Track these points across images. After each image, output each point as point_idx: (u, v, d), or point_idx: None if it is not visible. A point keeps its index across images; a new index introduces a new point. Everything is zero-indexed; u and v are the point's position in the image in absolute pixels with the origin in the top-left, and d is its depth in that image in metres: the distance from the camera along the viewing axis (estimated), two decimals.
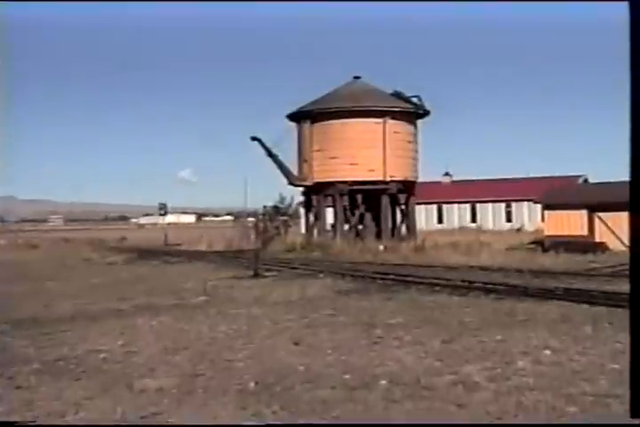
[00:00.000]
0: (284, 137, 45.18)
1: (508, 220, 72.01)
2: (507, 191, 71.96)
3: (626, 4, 5.34)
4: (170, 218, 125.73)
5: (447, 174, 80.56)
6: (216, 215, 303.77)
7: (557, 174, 70.53)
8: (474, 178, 78.99)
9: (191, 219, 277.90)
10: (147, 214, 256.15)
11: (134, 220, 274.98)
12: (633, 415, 5.77)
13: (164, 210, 69.00)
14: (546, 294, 17.39)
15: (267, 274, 26.13)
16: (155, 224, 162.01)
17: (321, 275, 25.22)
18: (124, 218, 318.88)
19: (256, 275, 25.67)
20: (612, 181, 35.52)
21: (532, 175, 77.86)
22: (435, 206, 75.27)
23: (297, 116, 45.43)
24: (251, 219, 62.07)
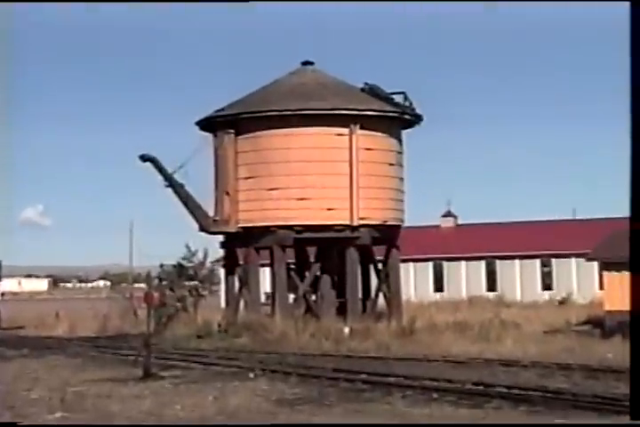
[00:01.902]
0: (195, 156, 45.16)
1: (546, 286, 72.63)
2: (543, 241, 72.60)
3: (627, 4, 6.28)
4: (7, 284, 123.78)
5: (449, 215, 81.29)
6: (82, 280, 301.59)
7: (622, 215, 71.27)
8: (489, 221, 79.90)
9: (42, 285, 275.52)
10: None
11: None
12: (633, 418, 7.11)
13: None
14: (608, 406, 17.39)
15: (165, 374, 25.98)
16: None
17: (251, 374, 25.17)
18: None
19: (148, 375, 25.44)
20: None
21: (581, 216, 79.12)
22: (430, 265, 75.68)
23: (213, 124, 45.34)
24: (139, 285, 61.73)
